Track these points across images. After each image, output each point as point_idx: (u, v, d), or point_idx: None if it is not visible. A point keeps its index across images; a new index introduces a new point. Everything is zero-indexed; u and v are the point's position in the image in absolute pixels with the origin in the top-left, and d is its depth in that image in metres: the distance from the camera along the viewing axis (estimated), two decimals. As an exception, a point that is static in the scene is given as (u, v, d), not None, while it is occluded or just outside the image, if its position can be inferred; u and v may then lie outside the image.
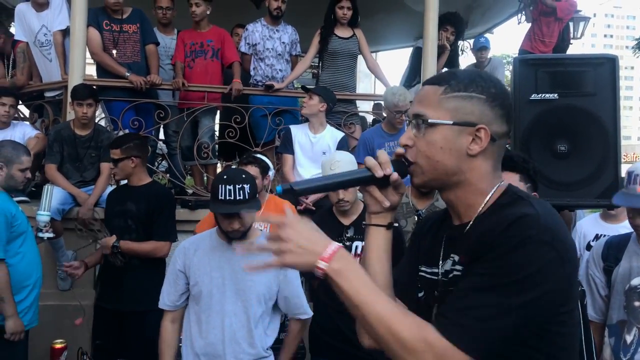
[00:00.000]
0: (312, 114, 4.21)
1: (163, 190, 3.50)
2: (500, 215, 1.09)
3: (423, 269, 1.27)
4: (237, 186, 2.30)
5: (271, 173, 3.56)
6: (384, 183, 1.21)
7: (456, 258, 1.16)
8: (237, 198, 2.30)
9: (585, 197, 2.49)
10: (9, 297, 2.89)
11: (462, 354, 0.99)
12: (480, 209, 1.16)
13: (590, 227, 3.89)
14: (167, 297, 2.50)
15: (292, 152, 4.30)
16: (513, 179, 1.95)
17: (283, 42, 5.08)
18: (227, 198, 2.30)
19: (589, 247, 3.81)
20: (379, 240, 1.27)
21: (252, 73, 5.11)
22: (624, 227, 3.69)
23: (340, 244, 1.08)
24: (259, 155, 3.53)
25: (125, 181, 3.54)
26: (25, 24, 4.95)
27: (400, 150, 1.21)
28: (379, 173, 1.19)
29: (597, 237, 3.81)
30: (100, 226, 3.41)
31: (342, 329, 2.85)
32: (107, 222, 3.47)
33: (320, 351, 2.98)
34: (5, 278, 2.87)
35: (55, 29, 4.80)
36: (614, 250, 2.42)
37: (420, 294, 1.27)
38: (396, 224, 1.30)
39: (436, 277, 1.21)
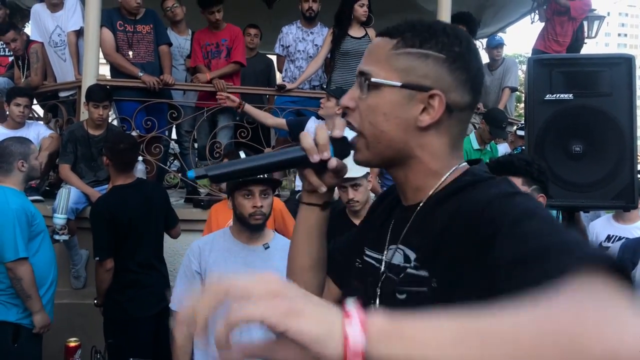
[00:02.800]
0: (328, 115, 4.23)
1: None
2: (466, 199, 0.87)
3: (368, 252, 1.05)
4: None
5: None
6: (320, 167, 0.99)
7: (410, 254, 0.93)
8: (258, 176, 2.27)
9: (600, 198, 2.45)
10: (35, 294, 2.94)
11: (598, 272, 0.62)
12: (432, 192, 0.95)
13: (602, 227, 3.86)
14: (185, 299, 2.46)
15: (295, 132, 4.33)
16: (516, 183, 1.94)
17: (316, 45, 5.10)
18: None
19: (601, 247, 3.78)
20: (309, 220, 1.10)
21: (282, 74, 5.14)
22: (636, 227, 3.66)
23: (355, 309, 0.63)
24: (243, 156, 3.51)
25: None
26: (41, 24, 5.02)
27: (338, 132, 0.97)
28: (315, 158, 0.96)
29: (609, 238, 3.78)
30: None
31: None
32: None
33: None
34: (30, 275, 2.91)
35: (69, 29, 4.86)
36: (629, 253, 2.39)
37: (357, 280, 1.06)
38: (336, 198, 1.12)
39: (379, 265, 0.99)
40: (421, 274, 0.89)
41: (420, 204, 0.95)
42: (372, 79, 0.93)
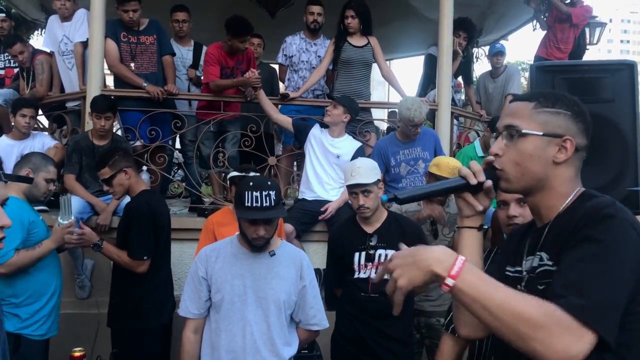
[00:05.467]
0: (334, 123, 4.23)
1: (137, 202, 3.24)
2: (580, 208, 1.24)
3: (508, 268, 1.41)
4: (263, 192, 2.29)
5: None
6: (476, 190, 1.38)
7: (544, 255, 1.27)
8: (264, 205, 2.29)
9: (604, 204, 2.45)
10: (38, 251, 2.95)
11: (586, 329, 1.06)
12: (559, 211, 1.30)
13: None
14: (192, 305, 2.46)
15: (300, 134, 4.41)
16: None
17: (319, 56, 5.14)
18: (254, 205, 2.29)
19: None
20: (471, 240, 1.44)
21: (285, 84, 5.17)
22: None
23: (463, 258, 1.16)
24: (251, 174, 3.47)
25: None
26: (52, 34, 5.15)
27: (490, 158, 1.36)
28: (473, 181, 1.35)
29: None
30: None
31: (365, 339, 2.84)
32: None
33: None
34: (17, 258, 2.89)
35: (76, 40, 4.93)
36: None
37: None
38: (485, 227, 1.44)
39: (519, 275, 1.35)
40: (552, 269, 1.23)
41: (550, 222, 1.30)
42: (523, 130, 1.31)
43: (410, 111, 4.03)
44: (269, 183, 2.37)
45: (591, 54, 7.99)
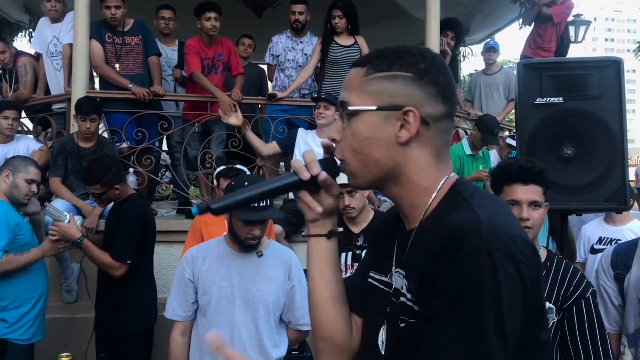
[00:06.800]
0: (329, 124, 4.21)
1: (130, 206, 3.19)
2: (441, 225, 0.93)
3: (372, 274, 1.12)
4: None
5: None
6: (314, 186, 1.08)
7: (405, 281, 0.99)
8: (260, 205, 2.26)
9: (592, 201, 2.46)
10: (21, 259, 2.91)
11: None
12: (424, 212, 0.99)
13: (594, 230, 3.86)
14: (179, 308, 2.43)
15: (288, 149, 4.35)
16: (538, 191, 1.96)
17: (305, 54, 5.13)
18: (251, 205, 2.27)
19: (593, 250, 3.78)
20: (320, 252, 1.13)
21: (273, 84, 5.14)
22: (628, 229, 3.67)
23: None
24: (238, 166, 3.44)
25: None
26: (41, 35, 5.11)
27: (326, 141, 1.07)
28: (305, 175, 1.05)
29: (600, 240, 3.78)
30: None
31: None
32: None
33: None
34: (9, 258, 2.87)
35: (65, 42, 4.88)
36: (622, 257, 2.38)
37: (371, 301, 1.11)
38: (341, 229, 1.17)
39: (388, 290, 1.05)
40: (414, 307, 0.95)
41: (414, 231, 1.00)
42: (350, 107, 1.00)
43: None
44: None
45: (577, 53, 8.08)
